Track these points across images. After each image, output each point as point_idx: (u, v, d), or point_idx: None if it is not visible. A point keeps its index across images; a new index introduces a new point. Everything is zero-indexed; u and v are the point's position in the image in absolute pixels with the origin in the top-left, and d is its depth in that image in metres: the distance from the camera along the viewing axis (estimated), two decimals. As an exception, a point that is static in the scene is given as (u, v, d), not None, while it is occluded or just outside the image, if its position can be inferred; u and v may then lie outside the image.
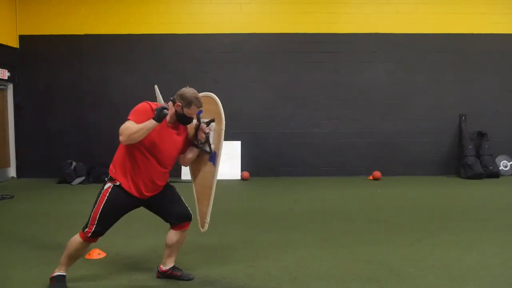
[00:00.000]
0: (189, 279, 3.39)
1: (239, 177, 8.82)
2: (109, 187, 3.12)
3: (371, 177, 8.90)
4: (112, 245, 4.23)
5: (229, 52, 9.15)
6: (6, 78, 8.83)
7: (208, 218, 3.39)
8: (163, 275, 3.41)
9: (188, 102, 3.11)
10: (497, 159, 9.30)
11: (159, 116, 2.93)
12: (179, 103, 3.13)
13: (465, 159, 8.98)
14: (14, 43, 9.09)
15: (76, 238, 3.14)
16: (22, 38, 9.17)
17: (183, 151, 3.32)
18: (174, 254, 3.40)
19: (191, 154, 3.35)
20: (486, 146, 9.17)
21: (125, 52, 9.20)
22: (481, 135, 9.27)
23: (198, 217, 3.48)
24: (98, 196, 3.11)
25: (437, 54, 9.31)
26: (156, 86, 3.18)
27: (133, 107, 3.17)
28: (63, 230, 4.92)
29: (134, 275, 3.52)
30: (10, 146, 9.16)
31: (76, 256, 3.19)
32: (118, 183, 3.11)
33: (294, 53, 9.23)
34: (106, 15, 9.15)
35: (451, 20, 9.29)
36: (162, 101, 3.19)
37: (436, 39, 9.28)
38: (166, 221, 3.32)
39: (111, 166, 3.22)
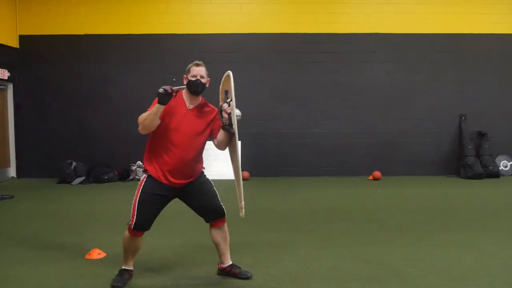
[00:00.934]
0: (247, 278, 3.39)
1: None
2: (144, 177, 3.19)
3: (371, 177, 8.90)
4: (112, 245, 4.23)
5: (229, 52, 9.15)
6: (6, 78, 8.83)
7: (243, 203, 3.29)
8: (222, 272, 3.46)
9: (188, 68, 3.23)
10: (497, 159, 9.30)
11: (160, 97, 2.99)
12: (184, 76, 3.23)
13: (465, 159, 8.98)
14: (14, 43, 9.09)
15: (126, 235, 3.24)
16: (22, 38, 9.17)
17: (214, 134, 3.31)
18: (226, 251, 3.43)
19: (221, 137, 3.29)
20: (486, 146, 9.17)
21: (125, 52, 9.20)
22: (481, 135, 9.27)
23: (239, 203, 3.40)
24: (136, 189, 3.18)
25: (437, 54, 9.31)
26: (173, 80, 3.27)
27: (133, 107, 3.25)
28: (63, 230, 4.92)
29: (134, 275, 3.51)
30: (10, 146, 9.16)
31: (130, 250, 3.27)
32: (149, 174, 3.17)
33: (294, 53, 9.23)
34: (106, 15, 9.15)
35: (451, 20, 9.29)
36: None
37: (436, 39, 9.29)
38: (200, 216, 3.37)
39: (144, 158, 3.27)
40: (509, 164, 9.37)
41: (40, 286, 3.30)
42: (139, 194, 3.13)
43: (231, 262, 3.46)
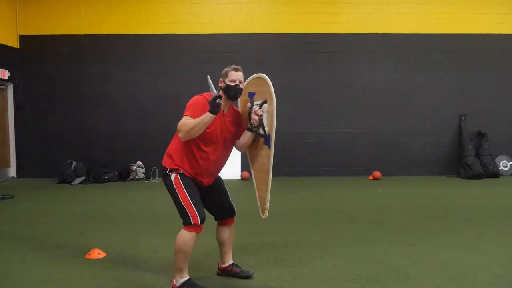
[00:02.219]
0: (248, 276, 3.41)
1: (239, 177, 8.83)
2: (176, 176, 3.07)
3: (371, 177, 8.90)
4: (112, 245, 4.23)
5: (229, 52, 9.15)
6: (6, 78, 8.83)
7: (268, 204, 3.30)
8: (222, 272, 3.45)
9: (224, 73, 3.16)
10: (497, 159, 9.30)
11: (214, 107, 2.89)
12: (221, 79, 3.17)
13: (465, 159, 8.98)
14: (14, 43, 9.09)
15: (187, 235, 3.01)
16: (22, 38, 9.17)
17: (237, 136, 3.29)
18: (229, 250, 3.43)
19: (246, 138, 3.27)
20: (486, 146, 9.17)
21: (125, 52, 9.20)
22: (481, 135, 9.27)
23: (259, 203, 3.43)
24: (173, 188, 3.05)
25: (437, 54, 9.31)
26: (208, 76, 3.12)
27: (133, 107, 3.18)
28: (63, 230, 4.92)
29: (134, 275, 3.52)
30: (10, 146, 9.16)
31: (189, 252, 3.07)
32: (181, 172, 3.08)
33: (294, 53, 9.24)
34: (106, 15, 9.15)
35: (451, 20, 9.29)
36: (215, 90, 3.08)
37: (436, 39, 9.29)
38: (211, 213, 3.35)
39: (166, 159, 3.16)
40: (509, 164, 9.37)
41: (40, 286, 3.30)
42: (184, 189, 3.03)
43: (232, 262, 3.47)
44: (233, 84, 3.13)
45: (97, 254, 3.94)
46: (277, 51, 9.25)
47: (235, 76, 3.15)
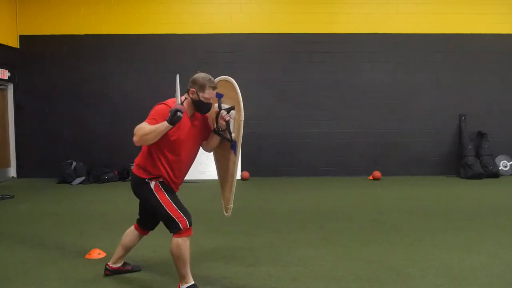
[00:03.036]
0: (139, 270, 3.55)
1: (239, 177, 8.83)
2: (156, 183, 3.03)
3: (371, 177, 8.90)
4: (112, 245, 4.23)
5: (229, 52, 9.15)
6: (6, 78, 8.83)
7: (231, 205, 3.31)
8: (113, 272, 3.47)
9: (201, 85, 3.01)
10: (497, 159, 9.30)
11: (172, 120, 2.81)
12: (193, 89, 3.02)
13: (465, 159, 8.98)
14: (14, 43, 9.09)
15: (183, 242, 2.98)
16: (22, 38, 9.17)
17: (204, 138, 3.26)
18: (126, 254, 3.48)
19: (213, 141, 3.27)
20: (486, 146, 9.17)
21: (125, 52, 9.20)
22: (481, 135, 9.27)
23: (223, 202, 3.45)
24: (155, 196, 3.01)
25: (437, 54, 9.31)
26: (177, 76, 3.01)
27: (132, 107, 3.18)
28: (63, 230, 4.93)
29: (134, 275, 3.52)
30: (10, 146, 9.16)
31: (188, 258, 3.03)
32: (161, 179, 3.04)
33: (294, 53, 9.24)
34: (106, 15, 9.15)
35: (451, 20, 9.29)
36: (179, 95, 2.98)
37: (436, 39, 9.29)
38: (146, 220, 3.33)
39: (138, 169, 3.10)
40: (508, 164, 9.37)
41: (40, 286, 3.30)
42: (167, 195, 3.01)
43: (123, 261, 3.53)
44: (205, 101, 3.04)
45: (97, 254, 3.95)
46: (277, 51, 9.24)
47: (211, 94, 3.05)
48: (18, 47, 9.15)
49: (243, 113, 3.11)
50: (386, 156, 9.30)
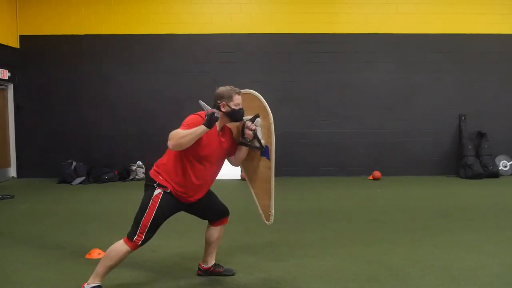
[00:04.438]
0: (233, 274, 3.45)
1: (239, 177, 8.82)
2: (159, 193, 3.00)
3: (371, 177, 8.90)
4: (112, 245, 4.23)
5: (229, 52, 9.15)
6: (7, 78, 8.83)
7: (273, 211, 3.36)
8: (205, 273, 3.43)
9: (228, 95, 3.10)
10: (496, 159, 9.30)
11: (210, 120, 2.84)
12: (223, 102, 3.10)
13: (464, 159, 8.99)
14: (15, 43, 9.09)
15: (121, 247, 2.99)
16: (22, 38, 9.18)
17: (231, 153, 3.30)
18: (215, 251, 3.43)
19: (242, 154, 3.31)
20: (486, 146, 9.18)
21: (125, 52, 9.20)
22: (481, 135, 9.27)
23: (261, 211, 3.46)
24: (147, 203, 2.99)
25: (437, 54, 9.31)
26: (200, 101, 3.11)
27: (133, 107, 3.17)
28: (63, 230, 4.92)
29: (134, 275, 3.52)
30: (10, 146, 9.16)
31: (116, 265, 3.05)
32: (168, 190, 3.01)
33: (294, 53, 9.24)
34: (106, 15, 9.16)
35: (451, 20, 9.29)
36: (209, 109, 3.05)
37: (436, 39, 9.29)
38: (206, 219, 3.34)
39: (155, 172, 3.07)
40: (508, 164, 9.37)
41: (40, 286, 3.30)
42: (155, 210, 2.97)
43: (214, 262, 3.47)
44: (237, 108, 3.12)
45: (97, 254, 3.94)
46: (277, 51, 9.25)
47: (239, 99, 3.14)
48: (18, 47, 9.16)
49: (271, 116, 3.18)
50: (386, 156, 9.30)
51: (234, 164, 3.40)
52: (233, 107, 3.11)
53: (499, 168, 9.24)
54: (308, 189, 7.86)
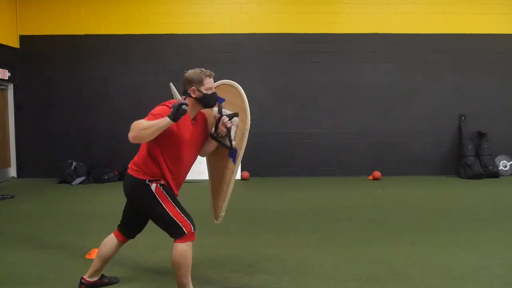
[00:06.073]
0: (117, 281, 3.29)
1: (239, 177, 8.83)
2: (157, 186, 2.84)
3: (371, 177, 8.90)
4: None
5: (229, 52, 9.15)
6: (7, 78, 8.83)
7: (223, 213, 3.21)
8: (91, 286, 3.13)
9: (198, 79, 2.87)
10: (496, 159, 9.30)
11: (176, 112, 2.61)
12: (193, 87, 2.87)
13: (464, 159, 8.99)
14: (15, 43, 9.09)
15: (184, 248, 2.79)
16: (22, 38, 9.18)
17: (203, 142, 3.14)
18: (104, 266, 3.17)
19: (210, 146, 3.13)
20: (486, 146, 9.17)
21: (125, 52, 9.21)
22: (481, 135, 9.27)
23: (212, 210, 3.37)
24: (156, 200, 2.82)
25: (437, 54, 9.31)
26: (171, 84, 2.90)
27: (133, 107, 3.13)
28: (63, 230, 4.93)
29: (134, 275, 3.52)
30: (10, 146, 9.16)
31: (190, 266, 2.86)
32: (162, 182, 2.87)
33: (294, 53, 9.24)
34: (106, 15, 9.16)
35: (451, 20, 9.29)
36: (180, 98, 2.85)
37: (436, 39, 9.29)
38: (131, 228, 3.11)
39: (136, 171, 2.90)
40: (508, 164, 9.37)
41: (40, 286, 3.30)
42: (169, 199, 2.84)
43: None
44: (210, 92, 2.89)
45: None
46: (277, 51, 9.24)
47: (211, 83, 2.91)
48: (18, 47, 9.16)
49: (249, 121, 2.97)
50: (386, 156, 9.30)
51: (200, 154, 3.15)
52: (204, 91, 2.87)
53: (499, 168, 9.24)
54: (308, 189, 7.86)
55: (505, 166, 9.36)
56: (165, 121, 2.64)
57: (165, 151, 2.86)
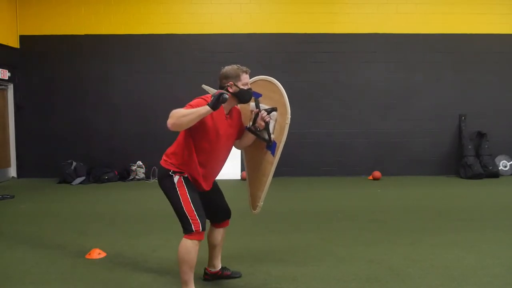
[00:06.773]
0: (240, 276, 3.42)
1: (239, 177, 8.82)
2: (179, 178, 2.90)
3: (371, 177, 8.90)
4: (112, 245, 4.23)
5: (229, 52, 9.14)
6: (7, 78, 8.83)
7: (262, 203, 3.29)
8: (213, 277, 3.36)
9: (235, 74, 2.99)
10: (496, 159, 9.30)
11: (217, 100, 2.68)
12: (230, 82, 2.97)
13: (464, 159, 8.99)
14: (15, 43, 9.09)
15: (189, 245, 2.85)
16: (22, 38, 9.17)
17: (238, 137, 3.20)
18: (220, 253, 3.35)
19: (248, 140, 3.21)
20: (486, 146, 9.17)
21: (125, 52, 9.20)
22: (481, 135, 9.27)
23: (250, 200, 3.39)
24: (175, 192, 2.88)
25: (437, 54, 9.31)
26: (204, 85, 2.96)
27: (133, 107, 3.13)
28: (63, 230, 4.93)
29: (134, 275, 3.52)
30: (10, 146, 9.16)
31: (194, 262, 2.90)
32: (186, 175, 2.92)
33: (294, 53, 9.24)
34: (106, 15, 9.15)
35: (451, 20, 9.29)
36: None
37: (436, 39, 9.28)
38: (210, 217, 3.19)
39: (165, 161, 2.96)
40: (508, 164, 9.37)
41: (40, 286, 3.30)
42: (187, 193, 2.87)
43: (221, 265, 3.41)
44: (246, 87, 3.01)
45: (97, 254, 3.94)
46: (277, 51, 9.24)
47: (247, 79, 3.02)
48: (18, 47, 9.15)
49: (289, 116, 3.06)
50: (386, 156, 9.30)
51: (237, 147, 3.27)
52: (241, 86, 2.98)
53: (499, 168, 9.24)
54: (308, 189, 7.86)
55: (505, 166, 9.36)
56: (204, 109, 2.72)
57: (197, 143, 2.92)
